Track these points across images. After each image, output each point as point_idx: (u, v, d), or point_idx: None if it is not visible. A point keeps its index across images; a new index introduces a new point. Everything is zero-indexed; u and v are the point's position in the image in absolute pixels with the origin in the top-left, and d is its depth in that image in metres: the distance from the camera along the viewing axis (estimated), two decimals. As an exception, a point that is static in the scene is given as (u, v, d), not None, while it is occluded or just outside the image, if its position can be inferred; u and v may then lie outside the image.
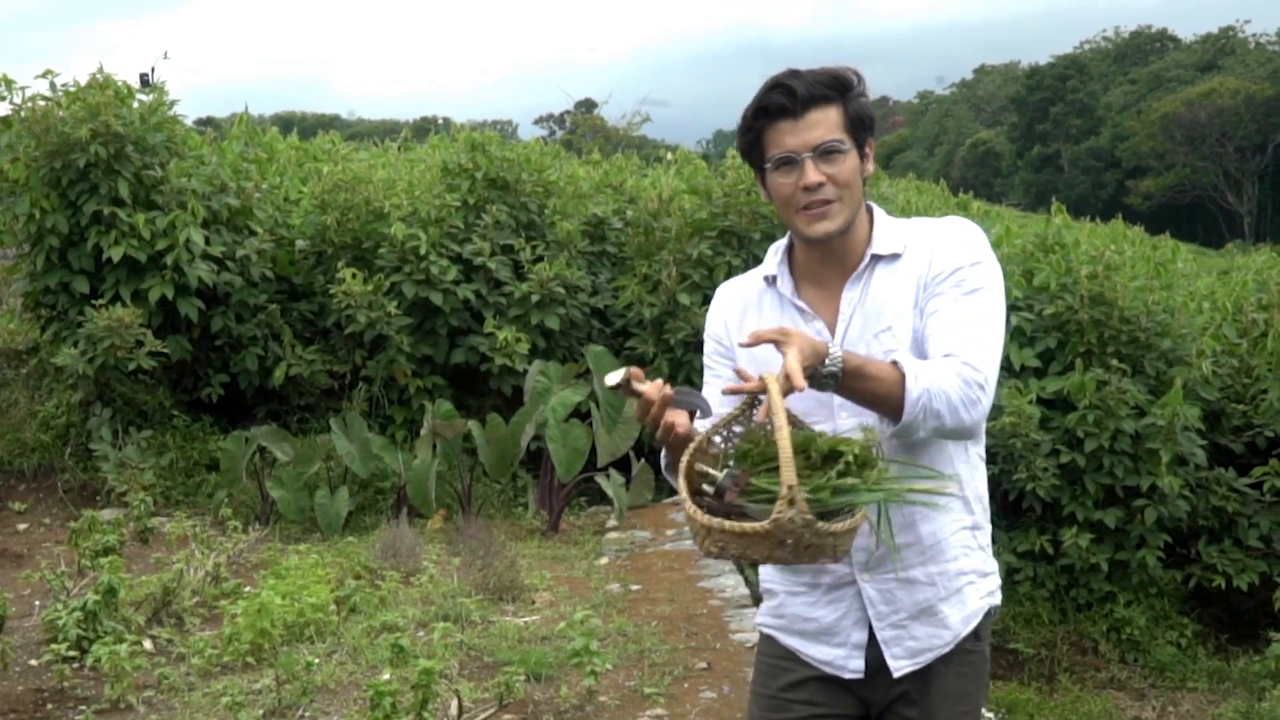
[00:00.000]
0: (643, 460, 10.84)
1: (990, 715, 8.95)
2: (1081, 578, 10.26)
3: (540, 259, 11.69)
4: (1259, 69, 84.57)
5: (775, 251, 3.26)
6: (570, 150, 22.44)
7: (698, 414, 3.01)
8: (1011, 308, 10.25)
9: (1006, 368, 10.20)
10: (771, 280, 3.22)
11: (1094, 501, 10.16)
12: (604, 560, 9.30)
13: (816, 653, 3.21)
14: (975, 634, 3.21)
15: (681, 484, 2.87)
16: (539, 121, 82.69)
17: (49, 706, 6.51)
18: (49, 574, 7.99)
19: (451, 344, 11.64)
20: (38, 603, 8.22)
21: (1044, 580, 10.26)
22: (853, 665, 3.16)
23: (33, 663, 7.10)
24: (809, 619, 3.21)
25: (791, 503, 2.62)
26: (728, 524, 2.72)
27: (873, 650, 3.15)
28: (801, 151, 3.00)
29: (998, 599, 3.30)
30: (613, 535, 9.95)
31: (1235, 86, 77.87)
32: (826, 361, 2.81)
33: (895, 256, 3.13)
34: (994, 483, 9.91)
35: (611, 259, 12.68)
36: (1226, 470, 10.55)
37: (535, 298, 11.43)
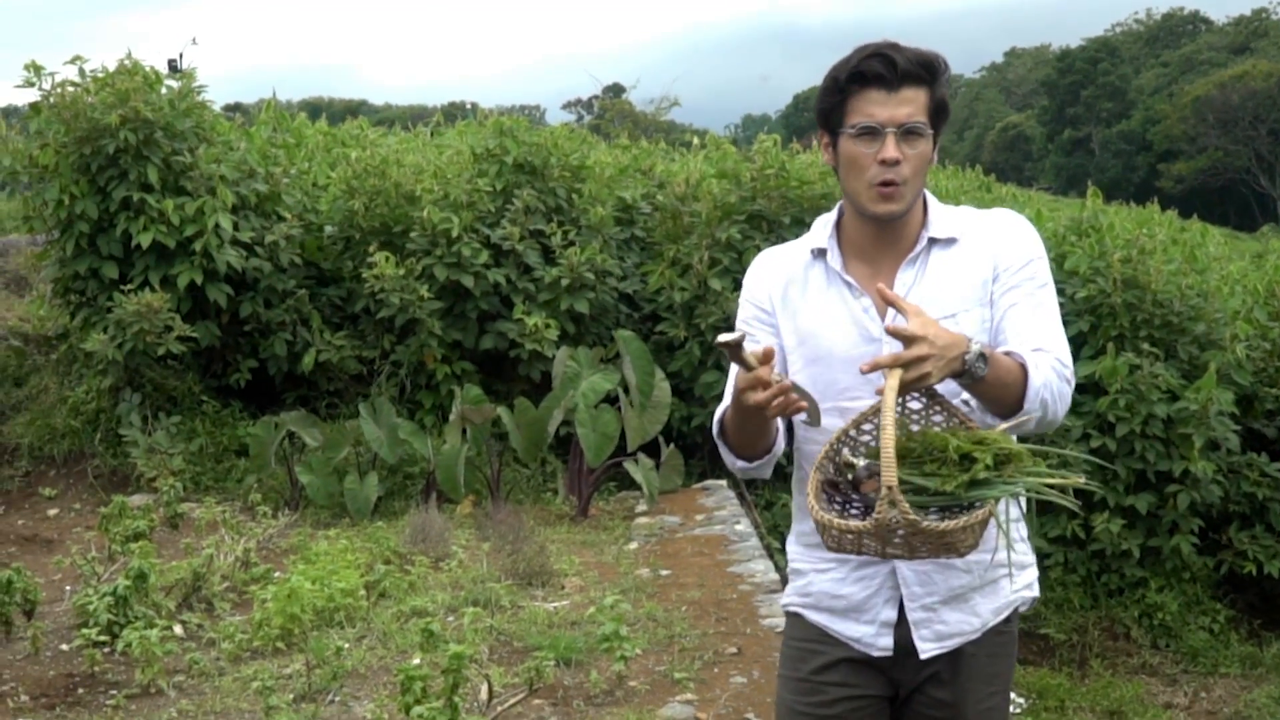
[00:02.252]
0: (672, 445, 10.81)
1: (1021, 700, 8.92)
2: (1113, 563, 10.21)
3: (571, 244, 11.67)
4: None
5: (824, 224, 3.23)
6: (598, 135, 22.41)
7: (804, 417, 3.01)
8: (1043, 291, 10.20)
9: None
10: (819, 253, 3.19)
11: (1126, 487, 10.11)
12: (633, 545, 9.29)
13: (845, 629, 3.18)
14: (1006, 619, 3.21)
15: (811, 480, 2.87)
16: (567, 106, 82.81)
17: (80, 691, 6.53)
18: (79, 559, 8.01)
19: (480, 330, 11.63)
20: (68, 588, 8.24)
21: (1075, 566, 10.21)
22: (881, 643, 3.14)
23: (64, 647, 7.12)
24: (837, 596, 3.18)
25: (892, 504, 2.62)
26: (837, 520, 2.74)
27: (901, 630, 3.13)
28: (888, 125, 2.96)
29: (1035, 591, 3.29)
30: (642, 520, 9.93)
31: (1268, 69, 77.27)
32: (969, 359, 2.79)
33: (951, 242, 3.12)
34: (1025, 467, 9.90)
35: (640, 243, 12.65)
36: (1259, 455, 10.48)
37: (565, 282, 11.41)
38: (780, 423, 3.12)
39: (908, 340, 2.73)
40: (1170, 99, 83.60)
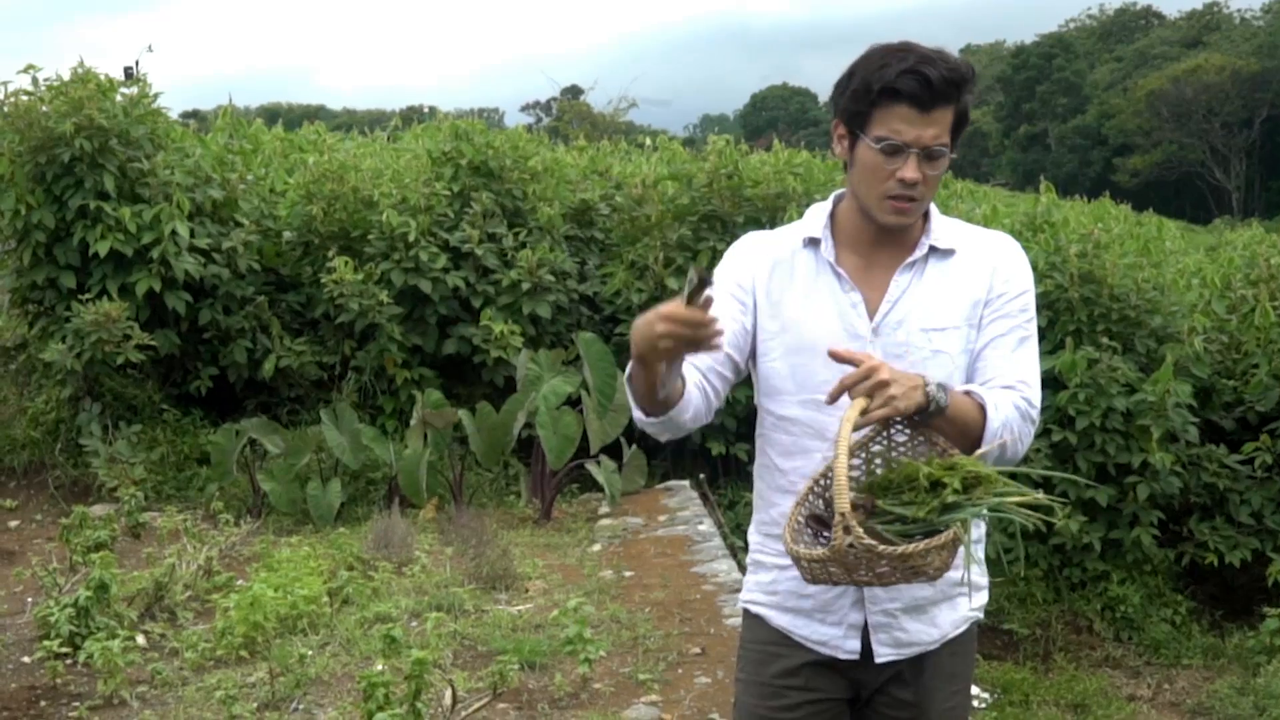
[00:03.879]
0: (634, 446, 10.82)
1: (985, 695, 8.96)
2: (1075, 557, 10.26)
3: (524, 245, 11.67)
4: (1244, 44, 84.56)
5: (819, 212, 3.19)
6: (557, 137, 22.39)
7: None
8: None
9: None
10: (811, 242, 3.15)
11: (1086, 480, 10.15)
12: (597, 547, 9.29)
13: (811, 632, 3.15)
14: (965, 631, 3.23)
15: (791, 515, 2.87)
16: (526, 109, 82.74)
17: (42, 703, 6.50)
18: (41, 571, 7.97)
19: (441, 334, 11.62)
20: (30, 600, 8.19)
21: (1037, 560, 10.26)
22: (849, 646, 3.12)
23: (25, 660, 7.08)
24: (804, 595, 3.14)
25: (846, 530, 2.62)
26: (804, 550, 2.75)
27: (865, 634, 3.12)
28: (914, 146, 2.92)
29: (982, 615, 3.31)
30: (605, 522, 9.94)
31: (1221, 62, 77.86)
32: (931, 390, 2.79)
33: (949, 253, 3.11)
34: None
35: (600, 245, 12.66)
36: (1218, 446, 10.55)
37: (525, 286, 11.41)
38: (694, 390, 2.98)
39: (858, 362, 2.75)
40: (1124, 94, 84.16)
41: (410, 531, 9.03)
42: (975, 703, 8.75)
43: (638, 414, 3.00)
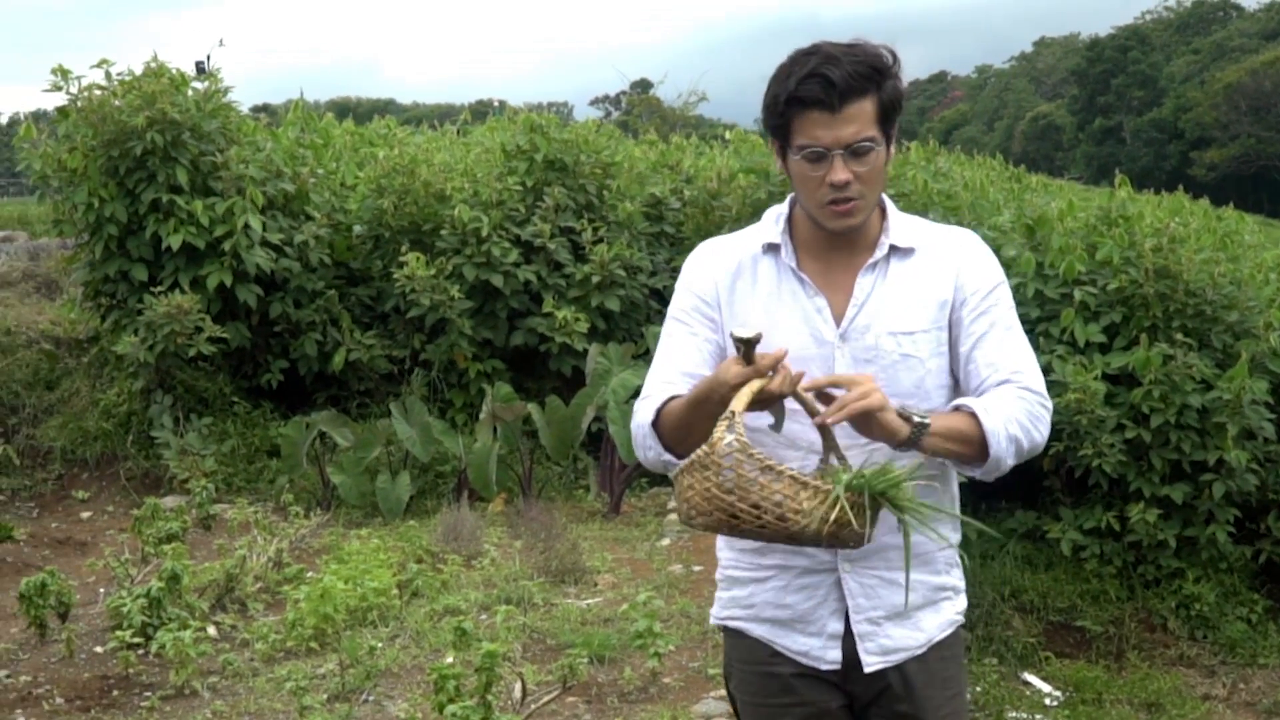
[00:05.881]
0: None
1: (1057, 694, 8.87)
2: (1149, 554, 10.13)
3: (600, 240, 11.66)
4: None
5: (776, 219, 3.13)
6: (626, 131, 22.40)
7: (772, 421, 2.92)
8: (1075, 282, 10.13)
9: (1070, 343, 10.09)
10: (770, 248, 3.10)
11: (1161, 477, 10.02)
12: (666, 541, 9.27)
13: (791, 643, 3.11)
14: (950, 634, 3.20)
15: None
16: (595, 103, 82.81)
17: (115, 693, 6.55)
18: (113, 561, 8.05)
19: (511, 327, 11.64)
20: (102, 590, 8.27)
21: (1111, 557, 10.13)
22: (830, 656, 3.07)
23: (98, 650, 7.15)
24: (781, 605, 3.10)
25: (730, 428, 2.63)
26: (684, 468, 2.74)
27: (849, 642, 3.07)
28: (834, 148, 2.87)
29: (963, 620, 3.26)
30: (674, 516, 9.90)
31: (1300, 55, 76.94)
32: (915, 416, 2.78)
33: (909, 252, 3.06)
34: (1059, 460, 9.83)
35: (670, 239, 12.62)
36: (1296, 443, 10.40)
37: (595, 279, 11.42)
38: None
39: (849, 382, 2.75)
40: (1201, 86, 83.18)
41: (479, 525, 9.04)
42: (1047, 700, 8.67)
43: (667, 457, 3.00)
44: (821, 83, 2.84)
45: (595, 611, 7.46)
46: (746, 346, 2.72)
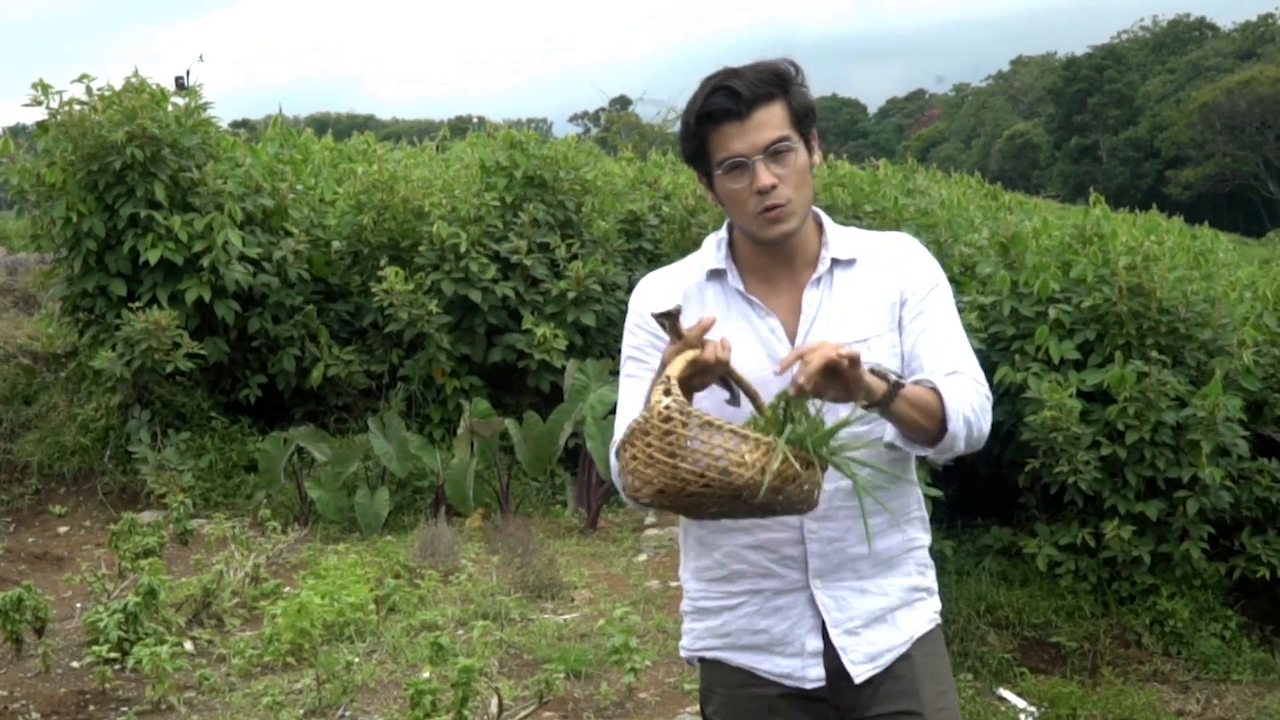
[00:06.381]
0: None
1: (1032, 709, 8.91)
2: (1124, 570, 10.20)
3: (576, 257, 11.70)
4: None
5: (717, 245, 3.16)
6: (605, 147, 22.42)
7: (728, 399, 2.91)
8: (1049, 300, 10.21)
9: (1045, 360, 10.16)
10: (715, 274, 3.13)
11: (1135, 494, 10.09)
12: (643, 557, 9.29)
13: (773, 666, 3.10)
14: (930, 630, 3.20)
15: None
16: (574, 119, 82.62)
17: (91, 708, 6.54)
18: (90, 576, 8.04)
19: (489, 343, 11.66)
20: (79, 605, 8.25)
21: (1086, 573, 10.20)
22: (812, 674, 3.06)
23: (74, 665, 7.13)
24: (758, 630, 3.10)
25: (667, 391, 2.63)
26: (625, 439, 2.73)
27: (830, 657, 3.06)
28: (751, 154, 2.91)
29: (940, 619, 3.26)
30: (651, 532, 9.92)
31: (1275, 74, 77.24)
32: (891, 374, 2.78)
33: (851, 263, 3.09)
34: (1034, 476, 9.88)
35: (648, 255, 12.65)
36: (1270, 461, 10.46)
37: (572, 295, 11.45)
38: None
39: (809, 349, 2.69)
40: (1177, 105, 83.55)
41: (456, 540, 9.05)
42: (1022, 716, 8.71)
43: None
44: (726, 94, 2.90)
45: (572, 627, 7.48)
46: (670, 321, 2.74)
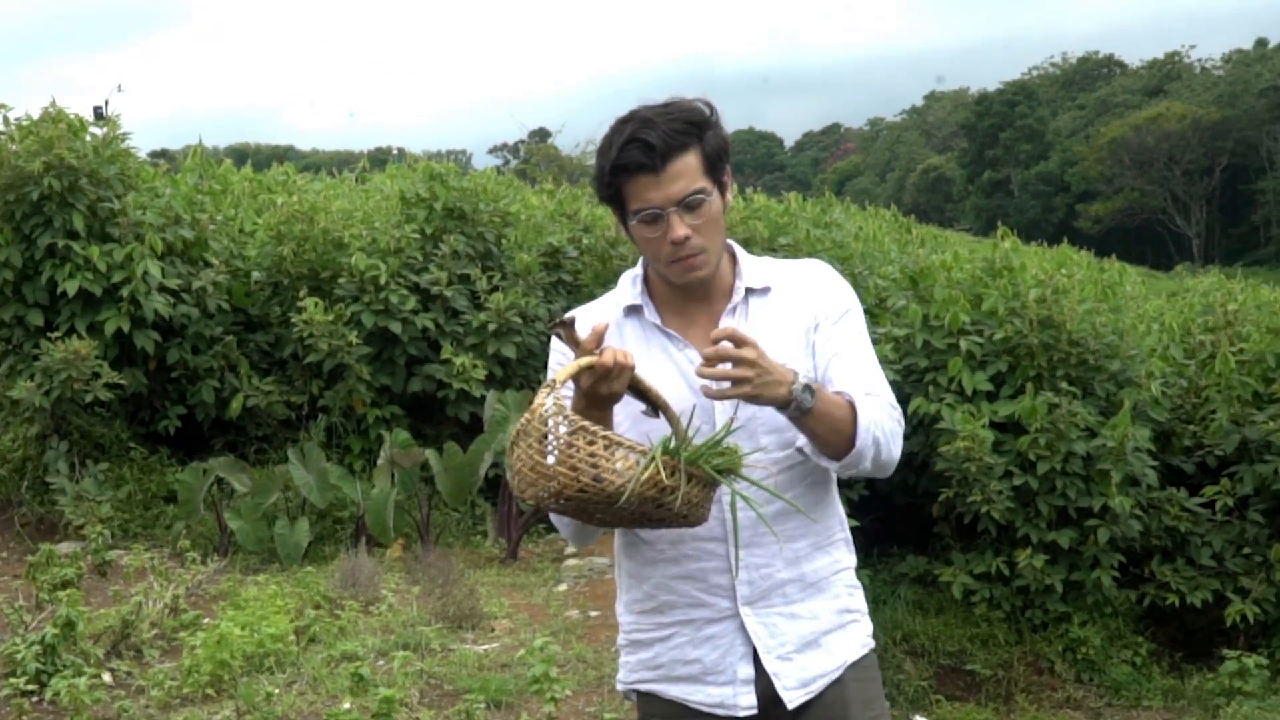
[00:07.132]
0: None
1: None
2: (1037, 598, 10.32)
3: (496, 289, 11.75)
4: (1205, 93, 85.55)
5: (633, 281, 3.23)
6: (525, 179, 22.47)
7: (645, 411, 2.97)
8: (960, 332, 10.34)
9: (959, 392, 10.29)
10: (631, 310, 3.19)
11: (1048, 523, 10.22)
12: (563, 587, 9.34)
13: (705, 697, 3.13)
14: (863, 655, 3.24)
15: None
16: (493, 151, 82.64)
17: (9, 740, 6.50)
18: (7, 608, 7.98)
19: (409, 373, 11.68)
20: (-4, 637, 8.19)
21: (1000, 601, 10.32)
22: (744, 702, 3.10)
23: (-8, 697, 7.08)
24: (690, 661, 3.13)
25: (551, 394, 2.72)
26: (510, 441, 2.78)
27: (762, 683, 3.10)
28: (666, 206, 2.95)
29: (873, 644, 3.31)
30: (571, 562, 9.98)
31: (1182, 111, 78.76)
32: (795, 389, 2.80)
33: (765, 291, 3.15)
34: (949, 506, 10.00)
35: (568, 287, 12.71)
36: (1178, 490, 10.64)
37: (492, 327, 11.49)
38: None
39: (739, 341, 2.75)
40: (1087, 141, 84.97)
41: (377, 570, 9.06)
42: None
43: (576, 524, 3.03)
44: (641, 147, 2.94)
45: (492, 657, 7.51)
46: (566, 330, 2.84)
